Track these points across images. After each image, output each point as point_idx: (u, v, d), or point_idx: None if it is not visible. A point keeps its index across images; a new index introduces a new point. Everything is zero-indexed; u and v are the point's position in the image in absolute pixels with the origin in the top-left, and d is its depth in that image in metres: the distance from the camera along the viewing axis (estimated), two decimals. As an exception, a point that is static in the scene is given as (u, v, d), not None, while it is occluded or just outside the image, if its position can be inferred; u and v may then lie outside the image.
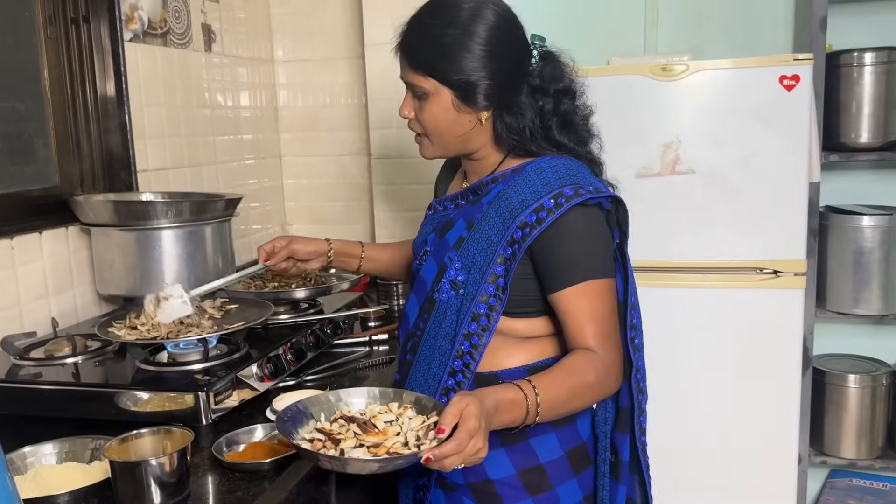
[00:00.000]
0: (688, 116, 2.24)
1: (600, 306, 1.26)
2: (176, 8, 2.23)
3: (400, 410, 1.16)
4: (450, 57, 1.26)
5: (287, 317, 1.85)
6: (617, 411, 1.39)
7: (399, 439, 1.08)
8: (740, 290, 2.26)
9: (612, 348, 1.26)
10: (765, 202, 2.21)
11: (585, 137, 1.37)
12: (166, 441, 1.22)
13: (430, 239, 1.42)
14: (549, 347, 1.34)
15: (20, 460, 1.23)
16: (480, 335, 1.28)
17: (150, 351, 1.56)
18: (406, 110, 1.36)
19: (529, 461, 1.32)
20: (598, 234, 1.28)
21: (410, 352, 1.40)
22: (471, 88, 1.27)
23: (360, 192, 2.82)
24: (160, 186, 2.15)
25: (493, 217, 1.30)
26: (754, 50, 2.59)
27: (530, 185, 1.28)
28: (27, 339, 1.63)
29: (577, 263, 1.25)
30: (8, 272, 1.69)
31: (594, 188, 1.26)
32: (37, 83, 1.89)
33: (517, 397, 1.15)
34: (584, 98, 1.37)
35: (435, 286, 1.35)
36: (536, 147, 1.32)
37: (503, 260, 1.27)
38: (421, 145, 1.39)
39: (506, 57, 1.28)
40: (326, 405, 1.19)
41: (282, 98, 2.86)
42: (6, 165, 1.81)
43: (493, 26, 1.27)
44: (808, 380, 2.42)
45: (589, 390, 1.23)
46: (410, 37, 1.31)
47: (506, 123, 1.31)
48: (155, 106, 2.14)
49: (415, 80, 1.31)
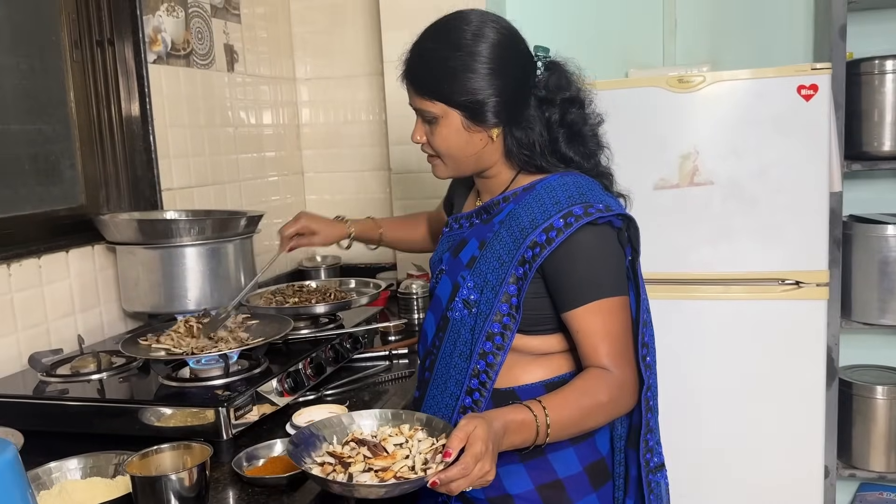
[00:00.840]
0: (706, 127, 2.23)
1: (613, 324, 1.25)
2: (198, 29, 2.28)
3: (411, 432, 1.17)
4: (455, 79, 1.27)
5: (307, 332, 1.87)
6: (629, 427, 1.38)
7: (407, 462, 1.08)
8: (762, 301, 2.24)
9: (626, 366, 1.26)
10: (785, 212, 2.20)
11: (594, 149, 1.37)
12: (186, 456, 1.24)
13: (444, 258, 1.42)
14: (565, 363, 1.34)
15: (46, 475, 1.26)
16: (496, 354, 1.28)
17: (173, 367, 1.59)
18: (417, 135, 1.37)
19: (548, 476, 1.32)
20: (609, 253, 1.27)
21: (428, 370, 1.40)
22: (479, 107, 1.28)
23: (381, 207, 2.84)
24: (184, 205, 2.19)
25: (504, 236, 1.30)
26: (774, 59, 2.58)
27: (540, 203, 1.28)
28: (54, 356, 1.67)
29: (588, 282, 1.25)
30: (35, 290, 1.73)
31: (604, 206, 1.26)
32: (63, 105, 1.94)
33: (526, 418, 1.16)
34: (592, 107, 1.37)
35: (449, 305, 1.36)
36: (546, 163, 1.32)
37: (515, 279, 1.27)
38: (434, 166, 1.40)
39: (510, 72, 1.29)
40: (339, 427, 1.21)
41: (304, 115, 2.90)
42: (34, 186, 1.86)
43: (495, 44, 1.27)
44: (833, 392, 2.39)
45: (602, 410, 1.23)
46: (414, 64, 1.33)
47: (516, 138, 1.31)
48: (179, 126, 2.19)
49: (423, 105, 1.32)
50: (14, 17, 1.80)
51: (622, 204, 1.37)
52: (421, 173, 2.60)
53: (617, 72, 2.65)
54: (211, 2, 2.34)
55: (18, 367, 1.67)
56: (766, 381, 2.27)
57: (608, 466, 1.39)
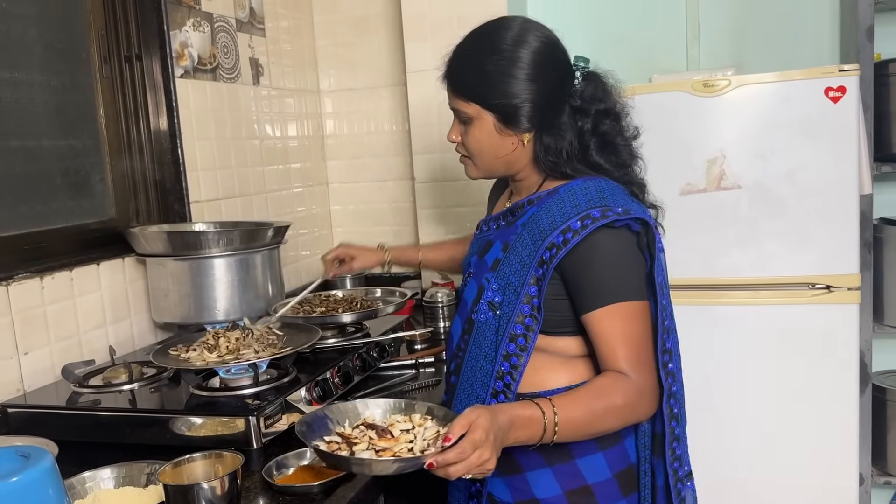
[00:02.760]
0: (732, 131, 2.21)
1: (632, 329, 1.24)
2: (224, 44, 2.31)
3: (420, 421, 1.19)
4: (492, 82, 1.29)
5: (334, 341, 1.88)
6: (653, 436, 1.36)
7: (408, 445, 1.12)
8: (792, 306, 2.22)
9: (645, 372, 1.24)
10: (814, 216, 2.17)
11: (626, 160, 1.36)
12: (217, 465, 1.25)
13: (472, 261, 1.44)
14: (590, 368, 1.33)
15: (80, 485, 1.27)
16: (519, 355, 1.28)
17: (203, 377, 1.60)
18: (453, 135, 1.40)
19: (576, 482, 1.31)
20: (626, 256, 1.26)
21: (454, 373, 1.41)
22: (512, 111, 1.29)
23: (406, 216, 2.85)
24: (212, 216, 2.22)
25: (526, 239, 1.31)
26: (799, 62, 2.55)
27: (561, 207, 1.29)
28: (86, 367, 1.69)
29: (605, 285, 1.24)
30: (68, 303, 1.76)
31: (623, 210, 1.25)
32: (93, 121, 1.98)
33: (534, 414, 1.16)
34: (628, 119, 1.37)
35: (474, 307, 1.37)
36: (572, 169, 1.32)
37: (535, 280, 1.27)
38: (466, 166, 1.43)
39: (547, 80, 1.30)
40: (353, 413, 1.25)
41: (328, 127, 2.92)
42: (65, 200, 1.89)
43: (535, 51, 1.29)
44: (867, 397, 2.35)
45: (616, 413, 1.22)
46: (454, 65, 1.36)
47: (544, 144, 1.32)
48: (206, 139, 2.21)
49: (459, 105, 1.35)
50: (45, 35, 1.84)
51: (651, 213, 1.35)
52: (445, 182, 2.61)
53: (640, 77, 2.64)
54: (236, 16, 2.37)
55: (52, 378, 1.69)
56: (797, 387, 2.24)
57: (636, 474, 1.37)
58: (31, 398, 1.61)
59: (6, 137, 1.73)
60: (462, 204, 2.60)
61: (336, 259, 1.97)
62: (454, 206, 2.61)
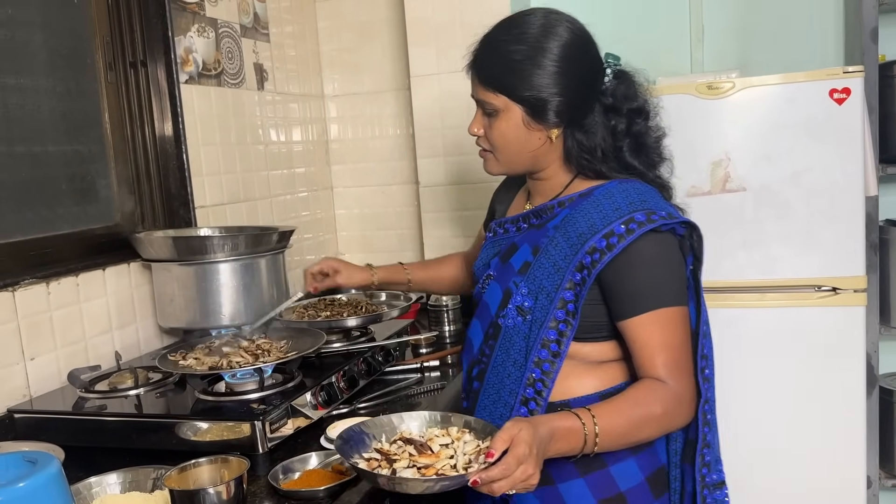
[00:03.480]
0: (737, 134, 2.21)
1: (672, 335, 1.22)
2: (229, 49, 2.32)
3: (458, 434, 1.17)
4: (520, 73, 1.25)
5: (339, 345, 1.88)
6: (685, 442, 1.34)
7: (451, 462, 1.09)
8: (798, 308, 2.21)
9: (683, 378, 1.22)
10: (820, 218, 2.17)
11: (656, 161, 1.34)
12: (223, 469, 1.25)
13: (493, 263, 1.40)
14: (619, 372, 1.31)
15: (86, 490, 1.28)
16: (552, 362, 1.25)
17: (209, 381, 1.60)
18: (476, 127, 1.35)
19: (610, 490, 1.28)
20: (670, 261, 1.24)
21: (477, 379, 1.38)
22: (541, 105, 1.26)
23: (410, 221, 2.85)
24: (217, 221, 2.22)
25: (560, 242, 1.27)
26: (803, 64, 2.55)
27: (599, 209, 1.25)
28: (92, 373, 1.69)
29: (647, 291, 1.22)
30: (73, 308, 1.76)
31: (667, 213, 1.23)
32: (98, 126, 1.98)
33: (574, 425, 1.13)
34: (657, 119, 1.35)
35: (500, 312, 1.33)
36: (607, 168, 1.29)
37: (572, 285, 1.24)
38: (486, 161, 1.38)
39: (578, 74, 1.27)
40: (388, 427, 1.22)
41: (332, 131, 2.93)
42: (70, 206, 1.89)
43: (565, 43, 1.25)
44: (874, 400, 2.34)
45: (654, 422, 1.20)
46: (482, 54, 1.31)
47: (577, 141, 1.29)
48: (211, 144, 2.22)
49: (485, 96, 1.30)
50: (50, 41, 1.85)
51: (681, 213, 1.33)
52: (449, 186, 2.61)
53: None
54: (241, 22, 2.38)
55: (58, 383, 1.70)
56: (804, 390, 2.23)
57: (667, 476, 1.35)
58: (38, 404, 1.61)
59: (12, 143, 1.74)
60: (466, 207, 2.60)
61: (320, 272, 1.83)
62: (458, 209, 2.61)
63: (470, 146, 2.55)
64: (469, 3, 2.46)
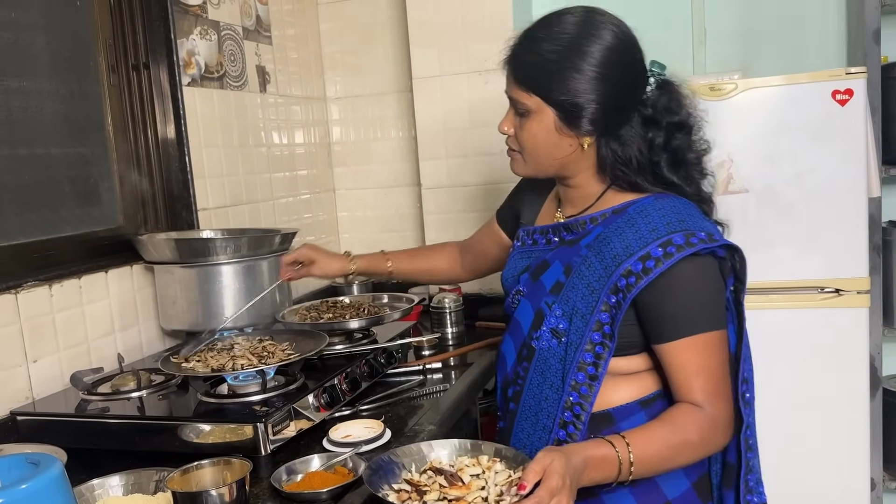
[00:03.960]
0: (739, 135, 2.21)
1: (710, 360, 1.19)
2: (231, 52, 2.32)
3: (489, 464, 1.15)
4: (557, 75, 1.19)
5: (341, 347, 1.87)
6: (724, 466, 1.31)
7: (482, 494, 1.07)
8: (801, 310, 2.21)
9: (721, 403, 1.19)
10: (823, 219, 2.17)
11: (696, 177, 1.28)
12: (226, 471, 1.25)
13: (522, 279, 1.36)
14: (654, 381, 1.28)
15: (88, 492, 1.27)
16: (590, 385, 1.22)
17: (211, 384, 1.60)
18: (506, 126, 1.29)
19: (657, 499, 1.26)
20: (709, 285, 1.20)
21: (513, 400, 1.35)
22: (576, 111, 1.20)
23: (412, 222, 2.85)
24: (220, 224, 2.22)
25: (594, 262, 1.23)
26: (806, 65, 2.55)
27: (634, 229, 1.20)
28: (94, 375, 1.69)
29: (685, 316, 1.18)
30: (76, 310, 1.76)
31: (706, 234, 1.18)
32: (101, 129, 1.99)
33: (608, 454, 1.11)
34: (700, 133, 1.28)
35: (533, 333, 1.30)
36: (643, 180, 1.24)
37: (607, 308, 1.20)
38: (513, 161, 1.33)
39: (618, 81, 1.21)
40: (418, 456, 1.20)
41: (334, 134, 2.93)
42: (73, 208, 1.89)
43: (608, 47, 1.19)
44: (877, 402, 2.34)
45: (691, 448, 1.17)
46: (519, 51, 1.25)
47: (612, 150, 1.23)
48: (213, 146, 2.22)
49: (518, 95, 1.25)
50: (53, 44, 1.85)
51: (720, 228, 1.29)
52: (451, 188, 2.61)
53: (646, 82, 2.63)
54: (243, 24, 2.38)
55: (60, 385, 1.70)
56: (807, 392, 2.22)
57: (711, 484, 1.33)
58: (40, 406, 1.61)
59: (15, 146, 1.74)
60: (469, 209, 2.60)
61: (295, 262, 1.76)
62: (460, 210, 2.61)
63: (471, 148, 2.56)
64: (471, 5, 2.46)
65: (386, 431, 1.51)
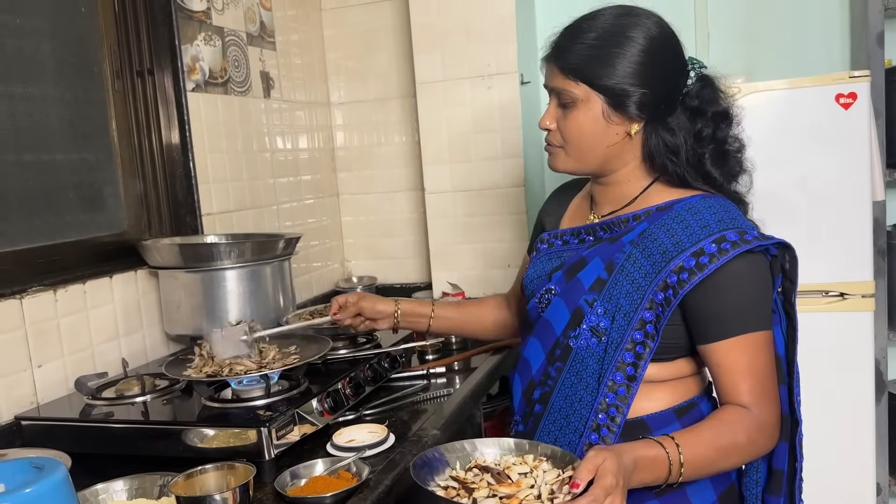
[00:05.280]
0: (743, 138, 2.20)
1: (758, 361, 1.17)
2: (235, 57, 2.33)
3: (535, 463, 1.13)
4: (605, 62, 1.20)
5: (345, 351, 1.88)
6: (769, 472, 1.28)
7: (533, 492, 1.06)
8: (806, 313, 2.15)
9: (768, 406, 1.18)
10: (827, 223, 2.16)
11: (737, 171, 1.29)
12: (230, 476, 1.25)
13: (555, 277, 1.32)
14: (693, 386, 1.27)
15: (93, 497, 1.27)
16: (627, 386, 1.20)
17: (215, 388, 1.60)
18: (548, 120, 1.28)
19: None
20: (760, 284, 1.19)
21: (539, 402, 1.31)
22: (624, 95, 1.20)
23: (416, 227, 2.86)
24: (224, 229, 2.22)
25: (639, 258, 1.22)
26: (809, 69, 2.55)
27: (684, 225, 1.20)
28: (99, 380, 1.70)
29: (735, 315, 1.16)
30: (81, 315, 1.76)
31: (759, 233, 1.19)
32: (106, 134, 1.99)
33: (658, 455, 1.10)
34: (739, 128, 1.30)
35: (569, 331, 1.27)
36: (689, 175, 1.24)
37: (652, 305, 1.19)
38: (553, 156, 1.31)
39: (663, 69, 1.22)
40: (462, 454, 1.19)
41: (338, 139, 2.94)
42: (78, 214, 1.90)
43: (651, 36, 1.21)
44: (883, 406, 2.33)
45: (739, 451, 1.16)
46: (564, 42, 1.25)
47: (661, 138, 1.23)
48: (217, 152, 2.23)
49: (565, 85, 1.24)
50: (58, 50, 1.86)
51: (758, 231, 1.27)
52: (455, 192, 2.61)
53: (650, 86, 2.64)
54: (247, 30, 2.39)
55: (65, 390, 1.70)
56: (812, 396, 2.20)
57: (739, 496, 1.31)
58: (45, 411, 1.62)
59: (20, 151, 1.75)
60: (472, 214, 2.60)
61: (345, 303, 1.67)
62: (465, 216, 2.61)
63: (475, 153, 2.57)
64: (474, 10, 2.47)
65: (390, 436, 1.51)
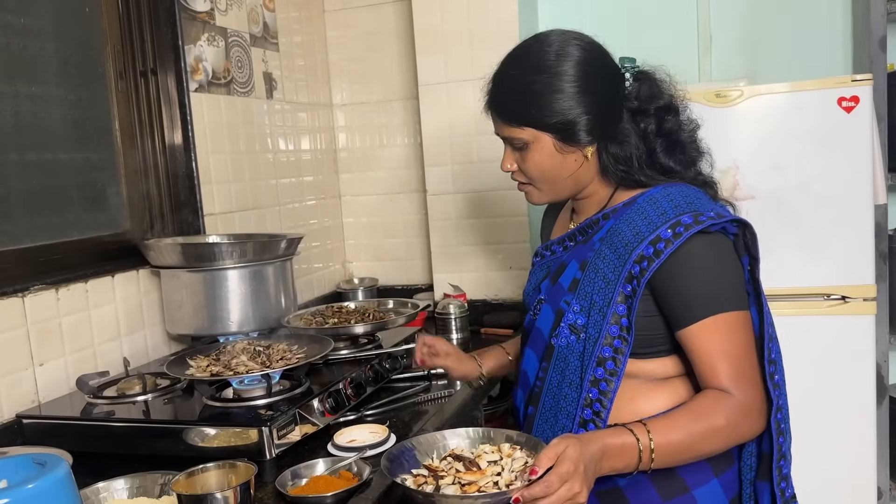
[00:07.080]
0: (745, 142, 2.21)
1: (733, 342, 1.17)
2: (238, 58, 2.33)
3: (510, 451, 1.15)
4: (542, 102, 1.23)
5: (347, 352, 1.88)
6: (759, 457, 1.28)
7: (495, 479, 1.08)
8: (807, 317, 2.20)
9: (749, 387, 1.17)
10: (829, 226, 2.16)
11: (694, 156, 1.30)
12: (231, 475, 1.25)
13: (543, 286, 1.36)
14: (688, 388, 1.25)
15: (94, 495, 1.28)
16: (609, 380, 1.21)
17: (217, 388, 1.61)
18: (508, 164, 1.32)
19: None
20: (724, 263, 1.19)
21: (531, 403, 1.33)
22: (570, 127, 1.23)
23: (418, 229, 2.86)
24: (226, 229, 2.23)
25: (607, 254, 1.24)
26: (812, 72, 2.55)
27: (643, 216, 1.22)
28: (100, 379, 1.70)
29: (702, 296, 1.16)
30: (83, 314, 1.77)
31: (715, 213, 1.18)
32: (108, 134, 2.00)
33: (627, 441, 1.10)
34: (687, 112, 1.31)
35: (553, 332, 1.29)
36: (646, 177, 1.26)
37: (623, 298, 1.20)
38: (528, 193, 1.35)
39: (598, 87, 1.25)
40: (441, 444, 1.22)
41: (341, 140, 2.94)
42: (80, 213, 1.90)
43: (579, 61, 1.24)
44: (884, 410, 2.33)
45: (718, 434, 1.15)
46: (498, 92, 1.29)
47: (611, 155, 1.26)
48: (220, 152, 2.23)
49: (511, 133, 1.28)
50: (62, 50, 1.87)
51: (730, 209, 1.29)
52: (457, 194, 2.62)
53: (652, 89, 2.64)
54: (250, 31, 2.40)
55: (66, 389, 1.70)
56: (813, 400, 2.21)
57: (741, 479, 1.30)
58: (46, 409, 1.62)
59: (24, 150, 1.75)
60: (474, 216, 2.60)
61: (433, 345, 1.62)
62: (466, 217, 2.61)
63: (477, 155, 2.57)
64: (477, 12, 2.47)
65: (391, 436, 1.51)
